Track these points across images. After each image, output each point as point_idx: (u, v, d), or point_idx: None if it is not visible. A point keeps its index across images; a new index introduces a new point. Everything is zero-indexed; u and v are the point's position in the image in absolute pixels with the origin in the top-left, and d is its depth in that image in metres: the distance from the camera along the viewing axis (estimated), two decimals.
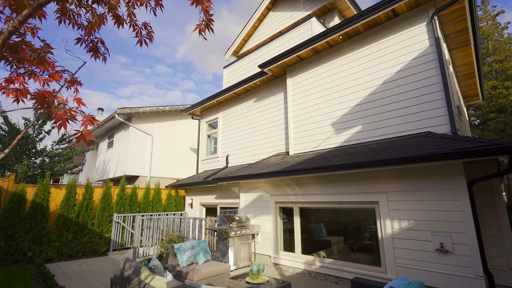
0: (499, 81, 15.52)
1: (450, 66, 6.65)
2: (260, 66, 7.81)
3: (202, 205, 9.65)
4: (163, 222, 7.90)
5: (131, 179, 12.39)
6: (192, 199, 9.87)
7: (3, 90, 1.85)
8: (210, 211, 9.46)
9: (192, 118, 11.59)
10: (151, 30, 2.29)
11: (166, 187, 10.36)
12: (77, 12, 2.07)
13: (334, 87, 6.56)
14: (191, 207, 9.84)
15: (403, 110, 5.37)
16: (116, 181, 12.28)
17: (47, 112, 1.56)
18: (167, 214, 8.99)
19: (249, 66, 9.99)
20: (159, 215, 8.43)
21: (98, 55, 2.27)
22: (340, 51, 6.61)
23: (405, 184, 4.68)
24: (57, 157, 10.86)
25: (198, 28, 2.08)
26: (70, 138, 11.56)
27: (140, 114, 12.44)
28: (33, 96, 1.56)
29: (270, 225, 6.64)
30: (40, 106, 1.55)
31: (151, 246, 7.69)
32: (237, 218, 6.60)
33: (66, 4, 1.98)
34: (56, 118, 1.47)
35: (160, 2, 2.17)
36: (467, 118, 11.69)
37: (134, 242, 7.32)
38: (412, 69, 5.39)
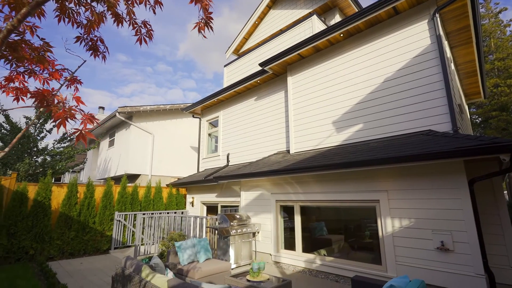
0: (501, 79, 15.42)
1: (452, 64, 6.61)
2: (261, 65, 7.79)
3: (203, 204, 9.67)
4: (164, 221, 7.93)
5: (132, 178, 12.42)
6: (193, 198, 9.89)
7: (3, 89, 1.85)
8: (211, 210, 9.48)
9: (193, 117, 11.58)
10: (151, 29, 2.28)
11: (167, 186, 10.38)
12: (77, 11, 2.06)
13: (335, 85, 6.54)
14: (192, 206, 9.86)
15: (404, 108, 5.35)
16: (117, 180, 12.31)
17: (47, 111, 1.56)
18: (168, 213, 9.01)
19: (250, 65, 9.97)
20: (160, 214, 8.46)
21: (98, 54, 2.27)
22: (341, 49, 6.58)
23: (406, 183, 4.67)
24: (59, 156, 10.90)
25: (198, 26, 2.07)
26: (71, 137, 11.60)
27: (141, 113, 12.45)
28: (33, 95, 1.56)
29: (271, 224, 6.65)
30: (40, 105, 1.55)
31: (152, 244, 7.72)
32: (238, 217, 6.61)
33: (66, 2, 1.98)
34: (55, 117, 1.47)
35: (159, 0, 2.17)
36: (469, 117, 11.65)
37: (136, 241, 7.35)
38: (413, 67, 5.36)
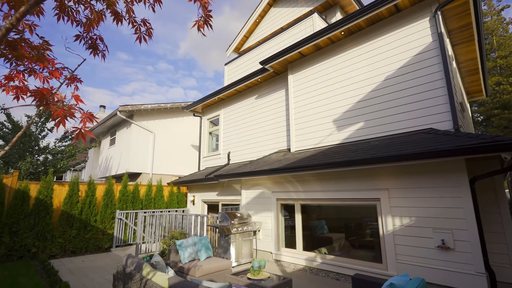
0: (504, 77, 15.33)
1: (453, 62, 6.58)
2: (262, 63, 7.77)
3: (204, 202, 9.69)
4: (165, 219, 7.95)
5: (133, 176, 12.45)
6: (194, 196, 9.91)
7: (3, 88, 1.85)
8: (212, 208, 9.50)
9: (194, 115, 11.58)
10: (150, 27, 2.28)
11: (168, 184, 10.41)
12: (76, 9, 2.06)
13: (336, 84, 6.52)
14: (193, 204, 9.88)
15: (406, 107, 5.33)
16: (119, 178, 12.36)
17: (46, 109, 1.56)
18: (169, 211, 9.03)
19: (251, 63, 9.94)
20: (161, 212, 8.48)
21: (97, 52, 2.27)
22: (342, 47, 6.55)
23: (407, 181, 4.66)
24: (60, 154, 10.94)
25: (197, 25, 2.07)
26: (72, 135, 11.62)
27: (142, 111, 12.46)
28: (32, 93, 1.56)
29: (272, 222, 6.66)
30: (39, 103, 1.56)
31: (154, 243, 7.75)
32: (239, 215, 6.62)
33: (65, 1, 1.97)
34: (55, 115, 1.47)
35: None
36: (470, 115, 11.59)
37: (137, 239, 7.38)
38: (415, 65, 5.33)
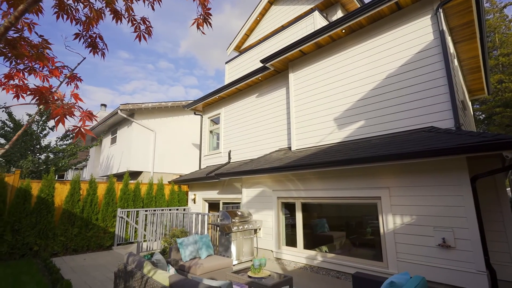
0: (506, 75, 15.25)
1: (455, 60, 6.54)
2: (262, 61, 7.75)
3: (205, 201, 9.71)
4: (166, 217, 7.97)
5: (134, 175, 12.48)
6: (195, 195, 9.93)
7: (3, 86, 1.86)
8: (213, 206, 9.52)
9: (195, 114, 11.58)
10: (150, 25, 2.27)
11: (169, 183, 10.43)
12: (75, 7, 2.06)
13: (337, 82, 6.50)
14: (194, 203, 9.90)
15: (407, 105, 5.31)
16: (120, 177, 12.40)
17: (45, 108, 1.57)
18: (170, 209, 9.06)
19: (251, 61, 9.92)
20: (162, 210, 8.50)
21: (97, 51, 2.27)
22: (343, 45, 6.53)
23: (408, 179, 4.65)
24: (61, 153, 10.98)
25: (196, 23, 2.06)
26: (71, 134, 11.67)
27: (143, 110, 12.48)
28: (32, 92, 1.57)
29: (272, 220, 6.67)
30: (39, 102, 1.56)
31: (155, 241, 7.78)
32: (240, 213, 6.63)
33: None
34: (54, 114, 1.47)
35: None
36: (472, 113, 11.54)
37: (138, 237, 7.41)
38: (416, 63, 5.31)
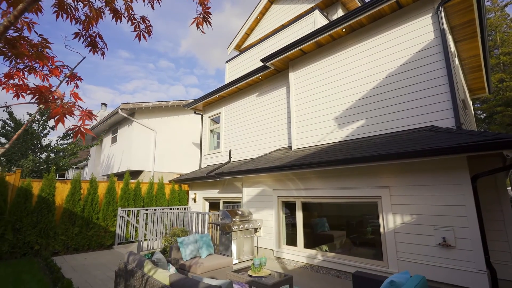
0: (507, 74, 15.21)
1: (456, 59, 6.52)
2: (263, 60, 7.74)
3: (205, 200, 9.72)
4: (167, 216, 7.98)
5: (135, 174, 12.50)
6: (195, 194, 9.94)
7: (3, 86, 1.86)
8: (213, 206, 9.53)
9: (195, 113, 11.58)
10: (150, 24, 2.27)
11: (170, 182, 10.43)
12: (75, 6, 2.06)
13: (337, 81, 6.49)
14: (194, 202, 9.91)
15: (407, 104, 5.30)
16: (120, 176, 12.41)
17: (45, 107, 1.57)
18: (171, 209, 9.07)
19: (252, 60, 9.91)
20: (163, 210, 8.52)
21: (97, 50, 2.27)
22: (344, 45, 6.52)
23: (408, 179, 4.65)
24: (62, 152, 10.99)
25: (196, 22, 2.06)
26: (71, 133, 11.68)
27: (143, 109, 12.48)
28: (31, 92, 1.57)
29: (273, 219, 6.67)
30: (38, 101, 1.56)
31: (155, 240, 7.79)
32: (240, 213, 6.64)
33: None
34: (53, 113, 1.47)
35: None
36: (473, 112, 11.52)
37: (138, 236, 7.42)
38: (417, 62, 5.30)
